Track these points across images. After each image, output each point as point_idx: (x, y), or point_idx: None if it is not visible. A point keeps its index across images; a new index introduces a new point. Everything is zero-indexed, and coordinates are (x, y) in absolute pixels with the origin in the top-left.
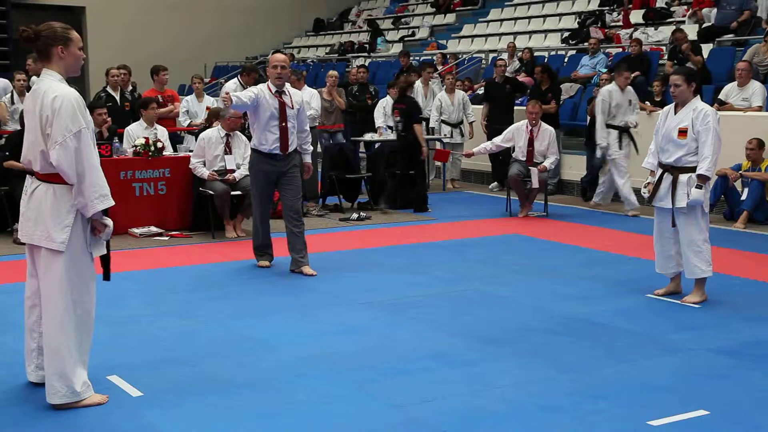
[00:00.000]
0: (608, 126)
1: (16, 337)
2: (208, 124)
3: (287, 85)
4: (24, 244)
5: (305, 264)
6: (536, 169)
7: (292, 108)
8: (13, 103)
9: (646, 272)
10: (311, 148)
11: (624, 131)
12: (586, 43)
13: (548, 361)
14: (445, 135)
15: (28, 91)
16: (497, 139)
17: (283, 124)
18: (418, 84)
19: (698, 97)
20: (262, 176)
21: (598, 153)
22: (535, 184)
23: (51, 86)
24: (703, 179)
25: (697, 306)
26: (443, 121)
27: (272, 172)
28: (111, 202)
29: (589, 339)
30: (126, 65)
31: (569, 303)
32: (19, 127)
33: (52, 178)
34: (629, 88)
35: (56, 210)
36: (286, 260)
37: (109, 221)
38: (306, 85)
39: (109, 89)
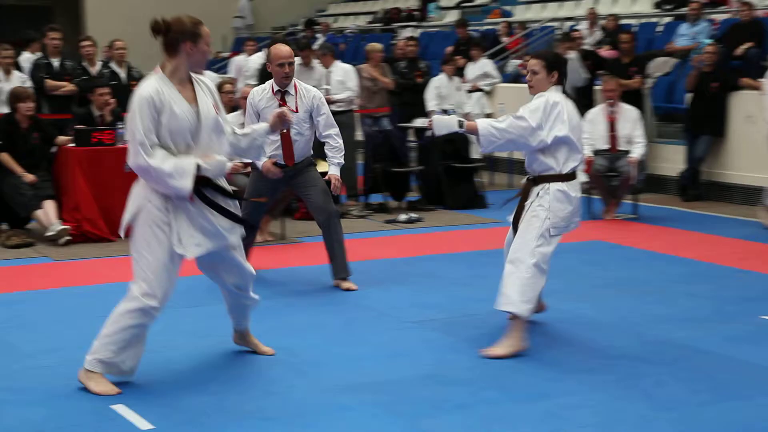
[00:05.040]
0: None
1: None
2: None
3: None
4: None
5: (345, 277)
6: (630, 159)
7: (296, 111)
8: None
9: (761, 288)
10: (340, 158)
11: None
12: (684, 8)
13: (640, 396)
14: None
15: (15, 68)
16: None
17: (284, 131)
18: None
19: (558, 87)
20: (260, 177)
21: None
22: (634, 173)
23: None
24: None
25: None
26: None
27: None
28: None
29: (690, 370)
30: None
31: (665, 325)
32: (6, 110)
33: None
34: None
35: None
36: (317, 269)
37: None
38: (338, 61)
39: (113, 65)
